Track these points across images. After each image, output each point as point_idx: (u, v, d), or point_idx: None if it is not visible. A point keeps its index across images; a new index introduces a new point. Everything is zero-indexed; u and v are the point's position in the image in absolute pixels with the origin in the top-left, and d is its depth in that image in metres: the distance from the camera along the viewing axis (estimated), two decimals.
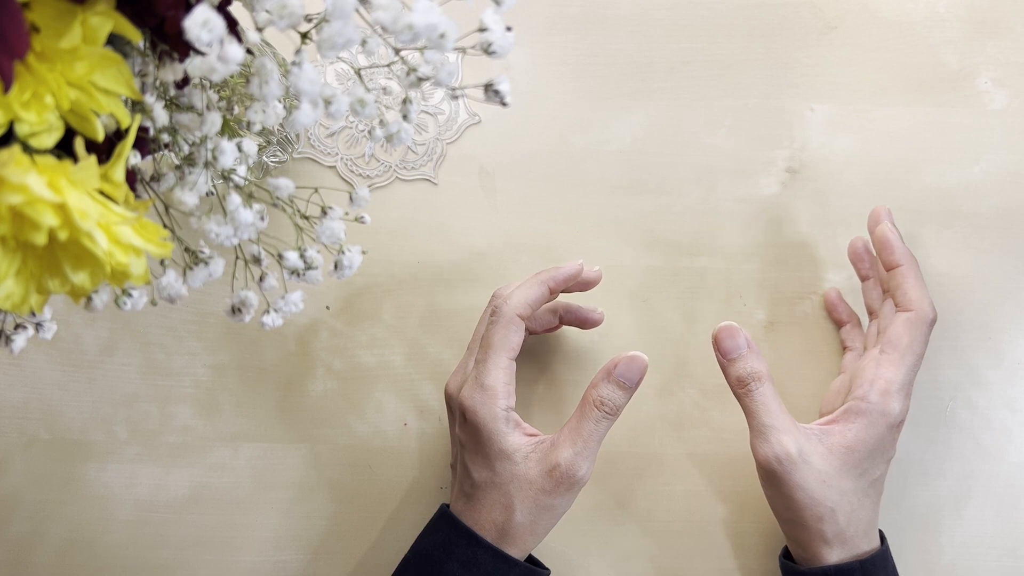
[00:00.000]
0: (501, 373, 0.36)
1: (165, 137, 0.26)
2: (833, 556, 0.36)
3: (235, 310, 0.29)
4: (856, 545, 0.36)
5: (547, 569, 0.38)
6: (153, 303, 0.28)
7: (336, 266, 0.30)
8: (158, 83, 0.25)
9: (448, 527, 0.37)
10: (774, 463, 0.35)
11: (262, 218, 0.27)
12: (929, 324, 0.38)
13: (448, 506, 0.39)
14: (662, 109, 0.46)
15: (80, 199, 0.21)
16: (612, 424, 0.36)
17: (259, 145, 0.41)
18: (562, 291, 0.40)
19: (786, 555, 0.40)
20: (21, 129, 0.21)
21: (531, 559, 0.39)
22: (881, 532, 0.38)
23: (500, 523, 0.36)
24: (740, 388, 0.36)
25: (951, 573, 0.43)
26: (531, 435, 0.37)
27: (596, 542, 0.43)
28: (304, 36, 0.24)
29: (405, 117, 0.28)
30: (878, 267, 0.42)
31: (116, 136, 0.24)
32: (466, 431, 0.37)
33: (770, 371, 0.37)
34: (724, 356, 0.37)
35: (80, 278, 0.23)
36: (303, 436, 0.44)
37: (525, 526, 0.36)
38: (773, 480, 0.36)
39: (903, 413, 0.37)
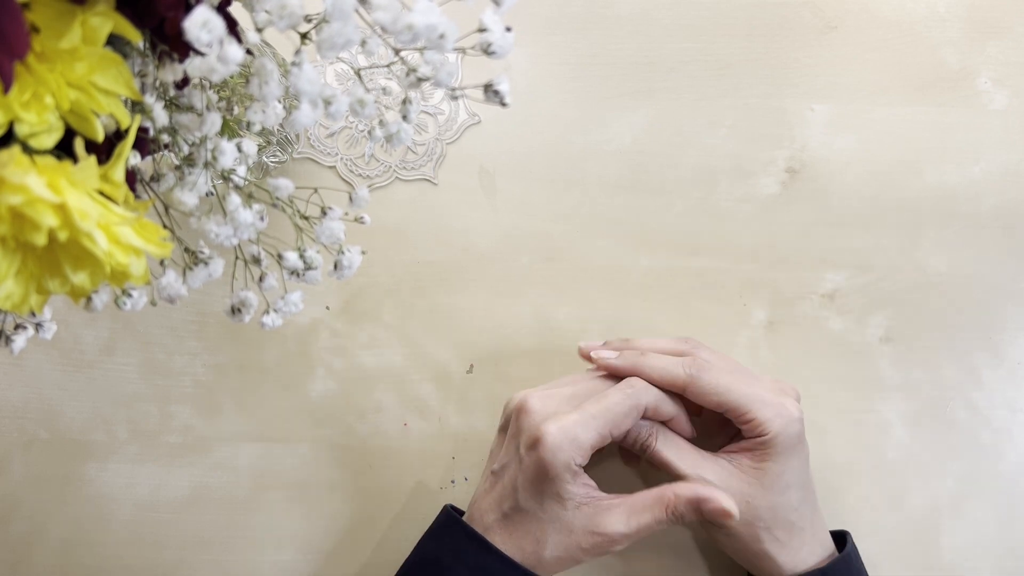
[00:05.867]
0: (596, 438, 0.35)
1: (165, 137, 0.26)
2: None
3: (235, 310, 0.29)
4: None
5: None
6: (153, 303, 0.28)
7: (336, 266, 0.30)
8: (158, 83, 0.25)
9: (458, 532, 0.36)
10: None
11: (262, 218, 0.27)
12: None
13: (452, 507, 0.39)
14: (662, 109, 0.46)
15: (80, 199, 0.21)
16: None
17: (259, 145, 0.41)
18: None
19: None
20: (21, 129, 0.21)
21: None
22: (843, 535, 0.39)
23: (528, 552, 0.35)
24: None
25: (951, 573, 0.43)
26: (587, 485, 0.36)
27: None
28: (304, 36, 0.24)
29: (405, 117, 0.28)
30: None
31: (116, 136, 0.24)
32: (532, 462, 0.35)
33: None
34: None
35: (80, 278, 0.23)
36: (303, 436, 0.44)
37: (549, 564, 0.35)
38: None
39: None
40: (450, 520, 0.37)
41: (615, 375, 0.38)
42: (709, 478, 0.36)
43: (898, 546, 0.43)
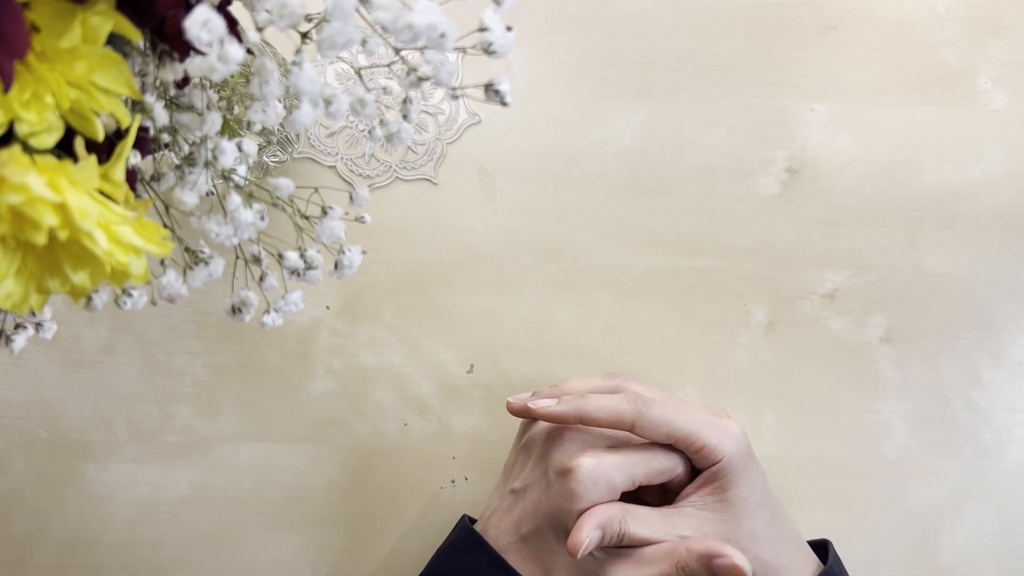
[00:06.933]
0: (629, 484, 0.34)
1: (165, 137, 0.26)
2: None
3: (235, 310, 0.29)
4: None
5: None
6: (153, 303, 0.28)
7: (336, 266, 0.30)
8: (158, 83, 0.25)
9: (480, 553, 0.36)
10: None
11: (262, 218, 0.27)
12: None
13: (469, 518, 0.38)
14: (662, 109, 0.46)
15: (80, 199, 0.21)
16: None
17: (259, 145, 0.41)
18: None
19: None
20: (21, 129, 0.21)
21: None
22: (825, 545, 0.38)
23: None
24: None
25: (951, 573, 0.43)
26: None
27: None
28: (304, 36, 0.24)
29: (405, 117, 0.28)
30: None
31: (116, 136, 0.24)
32: (561, 491, 0.34)
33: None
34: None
35: (80, 278, 0.23)
36: (303, 436, 0.44)
37: None
38: None
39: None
40: (472, 539, 0.36)
41: (565, 423, 0.36)
42: (687, 532, 0.34)
43: (898, 546, 0.43)
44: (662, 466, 0.35)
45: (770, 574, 0.35)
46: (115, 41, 0.23)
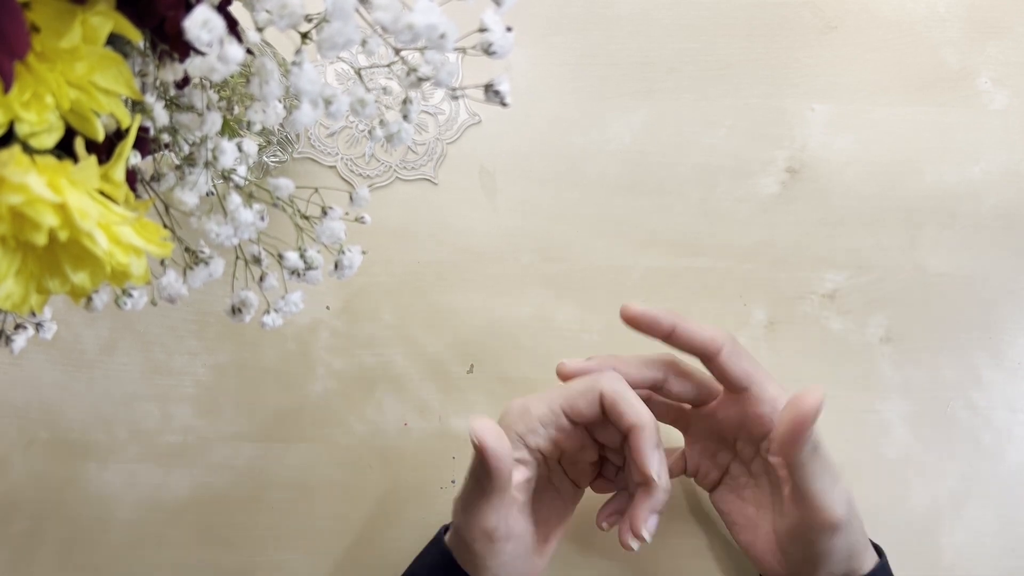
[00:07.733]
0: (547, 412, 0.35)
1: (165, 137, 0.26)
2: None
3: (235, 310, 0.29)
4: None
5: None
6: (153, 303, 0.28)
7: (336, 266, 0.30)
8: (158, 83, 0.25)
9: (436, 552, 0.37)
10: (846, 512, 0.34)
11: (262, 218, 0.27)
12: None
13: (446, 528, 0.39)
14: (662, 109, 0.46)
15: (80, 199, 0.21)
16: (492, 487, 0.33)
17: (259, 145, 0.41)
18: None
19: None
20: (21, 129, 0.21)
21: None
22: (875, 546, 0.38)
23: (453, 543, 0.36)
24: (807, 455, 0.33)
25: (951, 573, 0.43)
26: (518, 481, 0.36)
27: (594, 553, 0.43)
28: (304, 36, 0.24)
29: (405, 117, 0.28)
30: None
31: (116, 136, 0.24)
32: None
33: None
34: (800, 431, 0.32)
35: (80, 278, 0.23)
36: (303, 436, 0.44)
37: (467, 558, 0.35)
38: (840, 530, 0.34)
39: None
40: (435, 543, 0.38)
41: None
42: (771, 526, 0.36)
43: (898, 546, 0.43)
44: (580, 388, 0.35)
45: (861, 551, 0.35)
46: (115, 41, 0.23)
